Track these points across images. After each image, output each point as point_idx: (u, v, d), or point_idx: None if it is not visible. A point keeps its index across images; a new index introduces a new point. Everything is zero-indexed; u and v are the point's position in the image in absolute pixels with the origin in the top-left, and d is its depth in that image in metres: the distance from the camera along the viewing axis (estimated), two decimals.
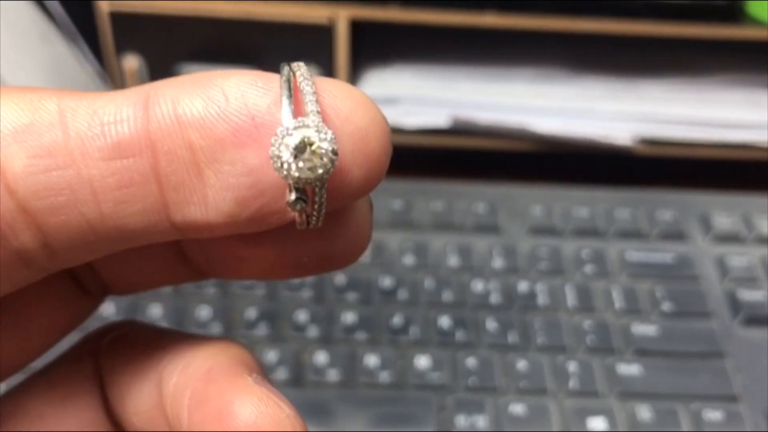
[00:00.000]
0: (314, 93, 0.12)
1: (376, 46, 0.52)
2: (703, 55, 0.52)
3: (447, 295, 0.40)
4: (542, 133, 0.49)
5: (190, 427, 0.13)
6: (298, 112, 0.12)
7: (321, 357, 0.37)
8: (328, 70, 0.48)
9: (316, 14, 0.46)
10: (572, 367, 0.37)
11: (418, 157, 0.52)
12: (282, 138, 0.11)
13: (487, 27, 0.47)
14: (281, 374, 0.36)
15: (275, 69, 0.12)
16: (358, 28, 0.47)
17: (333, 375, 0.36)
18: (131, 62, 0.48)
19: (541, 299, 0.40)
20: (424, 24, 0.46)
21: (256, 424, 0.13)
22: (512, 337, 0.38)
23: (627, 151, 0.49)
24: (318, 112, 0.12)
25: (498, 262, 0.41)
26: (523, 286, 0.40)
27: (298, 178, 0.11)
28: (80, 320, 0.16)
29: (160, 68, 0.49)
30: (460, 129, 0.49)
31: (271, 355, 0.37)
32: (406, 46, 0.52)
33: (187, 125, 0.12)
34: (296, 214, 0.12)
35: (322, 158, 0.11)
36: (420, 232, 0.43)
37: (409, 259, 0.41)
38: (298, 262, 0.14)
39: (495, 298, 0.40)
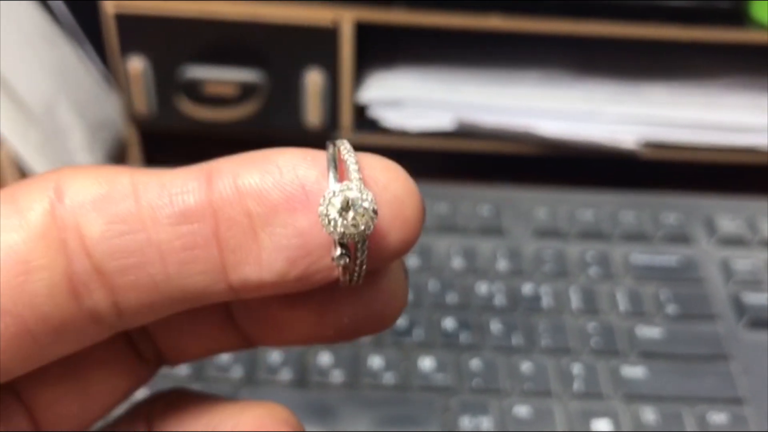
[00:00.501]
0: (356, 163, 0.14)
1: (381, 48, 0.52)
2: (707, 59, 0.52)
3: (451, 297, 0.40)
4: (547, 136, 0.49)
5: None
6: (342, 179, 0.13)
7: (325, 358, 0.37)
8: (333, 72, 0.48)
9: (321, 16, 0.46)
10: (577, 369, 0.37)
11: (423, 160, 0.52)
12: (329, 199, 0.13)
13: (492, 29, 0.47)
14: (285, 375, 0.36)
15: (280, 71, 0.13)
16: (362, 30, 0.47)
17: (337, 376, 0.36)
18: (136, 64, 0.48)
19: (546, 301, 0.40)
20: (429, 26, 0.47)
21: None
22: (517, 339, 0.38)
23: (632, 155, 0.49)
24: (360, 179, 0.13)
25: (502, 265, 0.41)
26: (527, 289, 0.40)
27: (343, 233, 0.13)
28: (137, 387, 0.17)
29: (164, 70, 0.49)
30: (464, 132, 0.49)
31: (275, 356, 0.37)
32: (411, 48, 0.52)
33: (246, 195, 0.13)
34: (340, 270, 0.14)
35: (363, 216, 0.13)
36: (424, 234, 0.43)
37: (413, 261, 0.41)
38: (338, 324, 0.15)
39: (499, 300, 0.40)
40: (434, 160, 0.52)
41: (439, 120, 0.49)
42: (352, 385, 0.36)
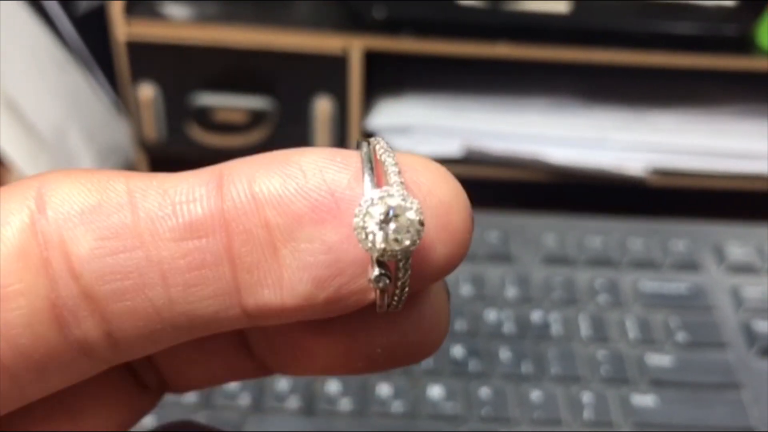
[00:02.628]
0: (396, 164, 0.12)
1: (389, 76, 0.52)
2: (714, 86, 0.52)
3: (460, 325, 0.39)
4: (555, 163, 0.49)
5: None
6: (380, 185, 0.11)
7: (333, 386, 0.37)
8: (342, 100, 0.48)
9: (331, 45, 0.46)
10: (586, 397, 0.37)
11: None
12: (366, 208, 0.11)
13: (500, 57, 0.47)
14: (293, 403, 0.36)
15: (289, 98, 0.12)
16: (371, 58, 0.47)
17: (345, 404, 0.36)
18: (146, 91, 0.49)
19: (555, 329, 0.39)
20: (437, 55, 0.47)
21: None
22: (526, 367, 0.38)
23: (640, 182, 0.49)
24: (402, 183, 0.11)
25: (511, 292, 0.41)
26: (536, 316, 0.40)
27: (384, 249, 0.11)
28: (138, 417, 0.15)
29: (175, 97, 0.49)
30: (472, 158, 0.49)
31: (283, 384, 0.36)
32: (419, 76, 0.53)
33: (264, 203, 0.11)
34: (377, 294, 0.12)
35: (408, 229, 0.11)
36: None
37: None
38: (370, 354, 0.13)
39: (508, 328, 0.39)
40: None
41: (447, 146, 0.49)
42: (360, 414, 0.36)
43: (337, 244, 0.11)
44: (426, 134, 0.50)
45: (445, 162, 0.47)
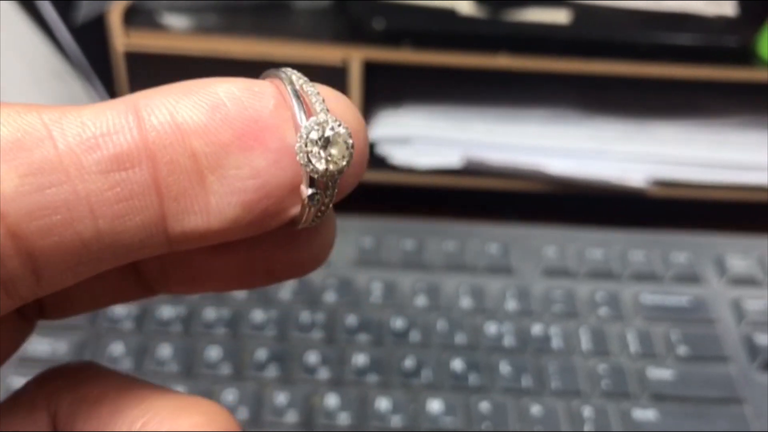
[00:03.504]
0: (319, 94, 0.12)
1: (389, 87, 0.52)
2: (715, 98, 0.52)
3: (460, 338, 0.39)
4: (555, 174, 0.49)
5: None
6: (308, 112, 0.12)
7: (332, 400, 0.36)
8: None
9: (330, 56, 0.46)
10: (587, 411, 0.36)
11: (431, 197, 0.52)
12: (307, 135, 0.12)
13: (500, 69, 0.47)
14: (291, 417, 0.36)
15: None
16: (371, 69, 0.47)
17: (344, 419, 0.36)
18: None
19: (556, 342, 0.39)
20: (437, 66, 0.47)
21: None
22: (526, 381, 0.37)
23: (640, 193, 0.49)
24: (327, 110, 0.12)
25: (511, 304, 0.41)
26: (537, 329, 0.40)
27: (325, 170, 0.12)
28: (16, 347, 0.15)
29: None
30: (472, 169, 0.49)
31: (282, 398, 0.36)
32: (419, 87, 0.53)
33: (189, 133, 0.12)
34: (307, 211, 0.12)
35: (343, 153, 0.12)
36: (432, 273, 0.42)
37: (421, 300, 0.41)
38: (269, 268, 0.14)
39: (508, 341, 0.39)
40: (442, 197, 0.52)
41: (447, 157, 0.49)
42: (359, 428, 0.35)
43: (265, 168, 0.12)
44: (426, 145, 0.50)
45: (445, 172, 0.47)
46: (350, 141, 0.12)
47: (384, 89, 0.52)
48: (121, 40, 0.47)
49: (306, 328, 0.39)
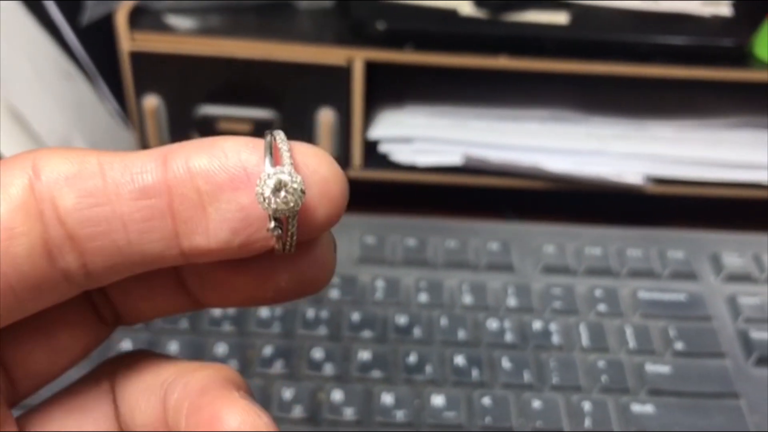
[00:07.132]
0: (289, 151, 0.16)
1: (391, 87, 0.53)
2: (712, 97, 0.53)
3: (462, 334, 0.40)
4: (554, 172, 0.49)
5: (187, 427, 0.17)
6: (276, 164, 0.16)
7: (337, 395, 0.37)
8: (345, 111, 0.49)
9: (333, 57, 0.47)
10: (587, 406, 0.37)
11: (432, 195, 0.53)
12: (264, 180, 0.15)
13: (500, 69, 0.48)
14: (297, 412, 0.36)
15: (293, 109, 0.14)
16: (373, 70, 0.48)
17: (349, 413, 0.36)
18: (151, 101, 0.49)
19: (555, 338, 0.40)
20: (438, 66, 0.47)
21: (239, 428, 0.16)
22: (527, 376, 0.38)
23: (638, 190, 0.50)
24: (291, 164, 0.16)
25: (512, 301, 0.42)
26: (537, 325, 0.41)
27: (276, 209, 0.15)
28: (97, 343, 0.19)
29: (179, 108, 0.50)
30: (473, 168, 0.50)
31: (287, 393, 0.37)
32: (420, 87, 0.53)
33: (196, 175, 0.15)
34: (274, 240, 0.16)
35: (293, 195, 0.15)
36: (434, 270, 0.43)
37: (423, 297, 0.42)
38: (276, 287, 0.18)
39: (509, 337, 0.40)
40: (443, 195, 0.53)
41: (448, 156, 0.50)
42: (363, 423, 0.36)
43: (247, 205, 0.15)
44: (427, 144, 0.50)
45: (446, 170, 0.48)
46: (300, 187, 0.15)
47: (386, 89, 0.52)
48: (127, 41, 0.47)
49: (311, 324, 0.40)
